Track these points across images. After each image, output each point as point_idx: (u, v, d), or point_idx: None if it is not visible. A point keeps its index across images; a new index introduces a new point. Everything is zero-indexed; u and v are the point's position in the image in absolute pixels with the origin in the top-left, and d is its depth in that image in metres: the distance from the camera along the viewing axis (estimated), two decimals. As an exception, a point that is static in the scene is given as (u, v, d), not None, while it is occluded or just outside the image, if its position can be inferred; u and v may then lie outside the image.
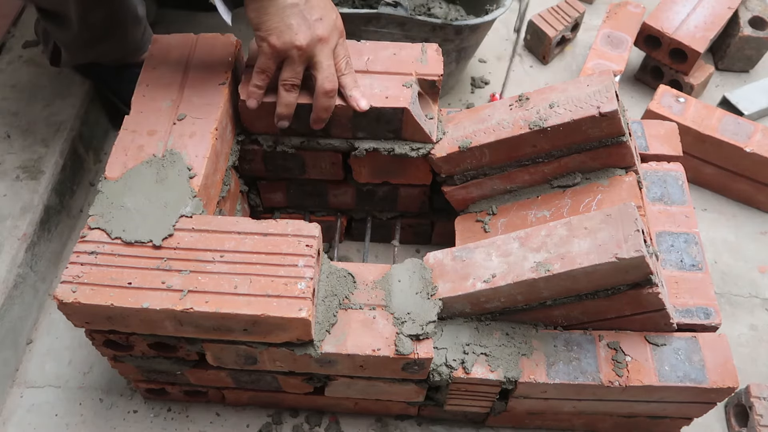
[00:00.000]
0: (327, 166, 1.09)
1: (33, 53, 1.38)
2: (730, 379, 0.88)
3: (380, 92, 0.98)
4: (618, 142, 0.94)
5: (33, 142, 1.26)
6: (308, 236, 0.87)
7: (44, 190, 1.21)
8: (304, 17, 0.89)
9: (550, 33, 1.55)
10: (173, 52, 1.03)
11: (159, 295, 0.81)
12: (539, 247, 0.86)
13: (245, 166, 1.10)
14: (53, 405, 1.12)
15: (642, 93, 1.57)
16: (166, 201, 0.88)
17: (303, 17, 0.89)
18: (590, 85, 0.95)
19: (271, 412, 1.11)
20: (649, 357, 0.90)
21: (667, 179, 1.08)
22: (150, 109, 0.97)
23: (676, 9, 1.48)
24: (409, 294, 0.90)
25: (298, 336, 0.84)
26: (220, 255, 0.85)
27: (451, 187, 1.06)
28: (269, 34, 0.89)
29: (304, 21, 0.89)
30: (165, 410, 1.12)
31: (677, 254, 1.00)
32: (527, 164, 1.00)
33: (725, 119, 1.32)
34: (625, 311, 0.89)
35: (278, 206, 1.21)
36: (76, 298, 0.81)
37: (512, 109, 0.99)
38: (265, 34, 0.89)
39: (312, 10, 0.89)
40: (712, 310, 0.95)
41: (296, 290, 0.82)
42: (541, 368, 0.89)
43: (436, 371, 0.90)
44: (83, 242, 0.85)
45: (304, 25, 0.89)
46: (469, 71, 1.58)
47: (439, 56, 1.03)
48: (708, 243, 1.32)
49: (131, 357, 0.95)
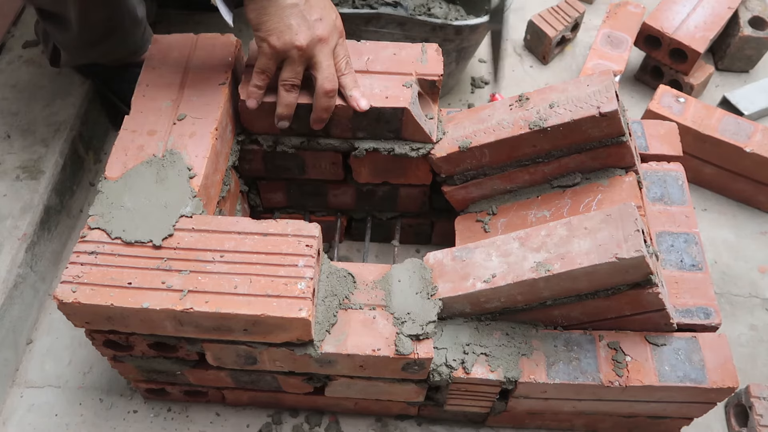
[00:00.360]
0: (327, 166, 1.09)
1: (33, 53, 1.38)
2: (730, 379, 0.88)
3: (380, 92, 0.98)
4: (618, 142, 0.94)
5: (33, 142, 1.26)
6: (308, 236, 0.87)
7: (44, 190, 1.21)
8: (304, 17, 0.89)
9: (550, 33, 1.55)
10: (173, 52, 1.03)
11: (159, 295, 0.81)
12: (539, 247, 0.86)
13: (245, 166, 1.10)
14: (53, 405, 1.12)
15: (642, 93, 1.57)
16: (166, 201, 0.88)
17: (303, 17, 0.89)
18: (590, 85, 0.95)
19: (271, 412, 1.11)
20: (649, 357, 0.90)
21: (667, 179, 1.08)
22: (150, 109, 0.97)
23: (676, 9, 1.48)
24: (409, 294, 0.90)
25: (298, 336, 0.84)
26: (220, 255, 0.85)
27: (451, 187, 1.06)
28: (269, 35, 0.89)
29: (304, 21, 0.89)
30: (165, 410, 1.12)
31: (677, 254, 1.00)
32: (527, 164, 1.00)
33: (725, 119, 1.32)
34: (625, 311, 0.89)
35: (278, 206, 1.21)
36: (76, 298, 0.81)
37: (512, 109, 0.99)
38: (265, 35, 0.89)
39: (312, 10, 0.89)
40: (712, 310, 0.95)
41: (296, 290, 0.82)
42: (541, 368, 0.89)
43: (436, 371, 0.90)
44: (83, 242, 0.85)
45: (304, 25, 0.89)
46: (469, 71, 1.58)
47: (439, 56, 1.03)
48: (708, 243, 1.32)
49: (131, 357, 0.95)
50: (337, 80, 0.94)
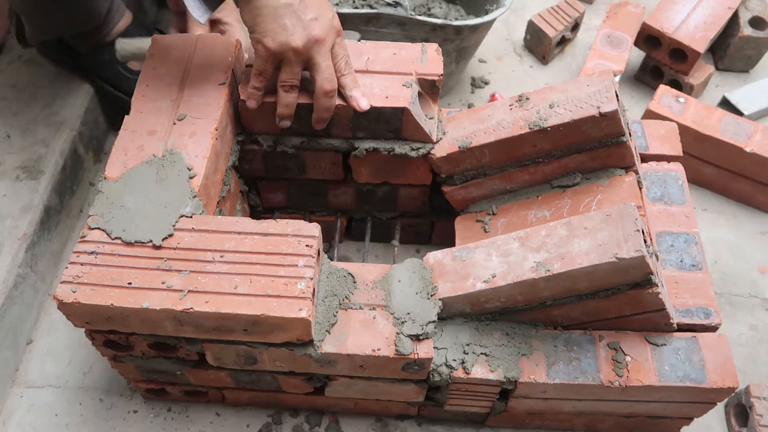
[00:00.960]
0: (327, 166, 1.09)
1: (33, 53, 1.38)
2: (730, 379, 0.88)
3: (380, 92, 0.98)
4: (618, 142, 0.94)
5: (33, 142, 1.26)
6: (308, 236, 0.87)
7: (44, 190, 1.21)
8: (299, 17, 0.88)
9: (550, 33, 1.55)
10: (173, 52, 1.03)
11: (159, 295, 0.81)
12: (539, 247, 0.86)
13: (245, 166, 1.10)
14: (53, 405, 1.12)
15: (642, 93, 1.57)
16: (166, 201, 0.88)
17: (298, 17, 0.88)
18: (590, 85, 0.95)
19: (271, 412, 1.11)
20: (649, 357, 0.90)
21: (667, 179, 1.09)
22: (150, 109, 0.97)
23: (676, 9, 1.48)
24: (409, 294, 0.90)
25: (298, 336, 0.84)
26: (220, 255, 0.85)
27: (451, 187, 1.06)
28: (264, 36, 0.88)
29: (299, 21, 0.88)
30: (165, 410, 1.12)
31: (677, 254, 1.00)
32: (527, 164, 1.00)
33: (725, 119, 1.32)
34: (625, 311, 0.89)
35: (278, 206, 1.21)
36: (76, 298, 0.81)
37: (512, 109, 0.99)
38: (260, 36, 0.88)
39: (307, 9, 0.88)
40: (712, 310, 0.95)
41: (296, 290, 0.82)
42: (541, 368, 0.89)
43: (436, 371, 0.90)
44: (83, 242, 0.85)
45: (300, 25, 0.88)
46: (469, 71, 1.58)
47: (439, 56, 1.03)
48: (708, 243, 1.32)
49: (131, 357, 0.95)
50: (337, 80, 0.94)
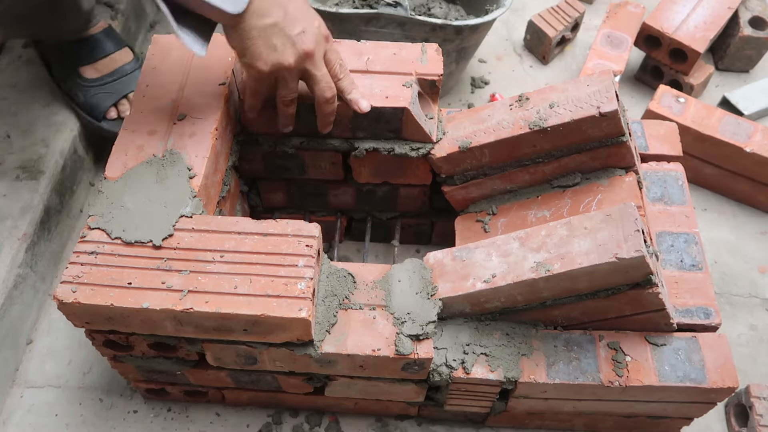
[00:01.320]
0: (327, 166, 1.09)
1: (33, 53, 1.38)
2: (730, 379, 0.88)
3: (380, 92, 0.98)
4: (618, 142, 0.94)
5: (33, 142, 1.26)
6: (308, 236, 0.87)
7: (44, 190, 1.21)
8: (287, 35, 0.87)
9: (550, 33, 1.55)
10: (173, 52, 1.03)
11: (159, 295, 0.81)
12: (539, 247, 0.86)
13: (245, 166, 1.10)
14: (53, 405, 1.12)
15: (642, 93, 1.57)
16: (166, 201, 0.88)
17: (285, 35, 0.87)
18: (590, 85, 0.95)
19: (271, 412, 1.11)
20: (649, 357, 0.90)
21: (667, 179, 1.09)
22: (150, 109, 0.97)
23: (676, 9, 1.48)
24: (409, 294, 0.90)
25: (298, 336, 0.84)
26: (220, 255, 0.85)
27: (451, 187, 1.06)
28: (256, 60, 0.87)
29: (287, 39, 0.87)
30: (165, 410, 1.12)
31: (677, 254, 1.00)
32: (527, 164, 1.00)
33: (725, 119, 1.32)
34: (626, 311, 0.89)
35: (278, 206, 1.21)
36: (76, 298, 0.81)
37: (512, 109, 0.99)
38: (252, 61, 0.88)
39: (293, 24, 0.87)
40: (712, 310, 0.95)
41: (296, 290, 0.82)
42: (541, 368, 0.89)
43: (436, 371, 0.90)
44: (83, 242, 0.85)
45: (288, 42, 0.87)
46: (469, 71, 1.58)
47: (439, 56, 1.03)
48: (708, 243, 1.32)
49: (131, 357, 0.95)
50: (335, 86, 0.94)
